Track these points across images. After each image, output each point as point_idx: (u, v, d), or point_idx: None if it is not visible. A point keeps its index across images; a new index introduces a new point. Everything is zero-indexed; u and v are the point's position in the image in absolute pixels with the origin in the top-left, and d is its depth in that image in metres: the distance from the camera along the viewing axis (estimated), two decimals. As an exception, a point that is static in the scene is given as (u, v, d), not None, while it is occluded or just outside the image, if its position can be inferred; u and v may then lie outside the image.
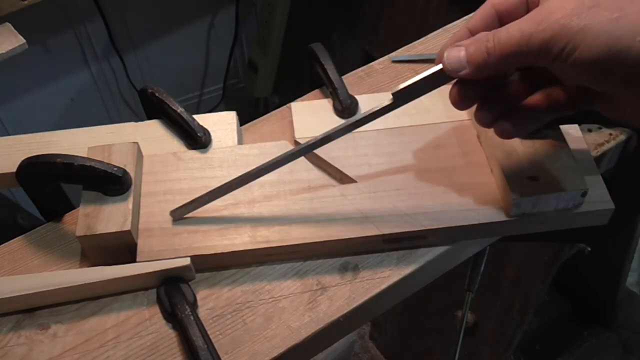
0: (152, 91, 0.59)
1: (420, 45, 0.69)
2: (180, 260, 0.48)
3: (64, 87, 1.42)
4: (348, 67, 0.67)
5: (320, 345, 0.49)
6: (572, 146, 0.51)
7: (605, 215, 0.51)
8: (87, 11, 1.32)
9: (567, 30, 0.37)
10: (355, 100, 0.60)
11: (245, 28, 1.60)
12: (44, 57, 1.34)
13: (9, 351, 0.47)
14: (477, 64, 0.41)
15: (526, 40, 0.39)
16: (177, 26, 1.50)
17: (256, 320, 0.48)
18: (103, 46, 1.41)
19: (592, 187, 0.50)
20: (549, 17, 0.38)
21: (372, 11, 1.37)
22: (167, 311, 0.47)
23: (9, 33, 0.89)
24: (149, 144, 0.57)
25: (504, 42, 0.40)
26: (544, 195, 0.48)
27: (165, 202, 0.52)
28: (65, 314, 0.49)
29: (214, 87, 1.67)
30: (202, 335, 0.45)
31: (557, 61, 0.38)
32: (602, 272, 1.35)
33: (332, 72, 0.60)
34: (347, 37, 1.49)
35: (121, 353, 0.46)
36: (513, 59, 0.40)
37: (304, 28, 1.55)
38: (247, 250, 0.50)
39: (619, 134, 0.60)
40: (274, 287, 0.50)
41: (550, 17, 0.38)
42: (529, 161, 0.50)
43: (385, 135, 0.56)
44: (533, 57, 0.39)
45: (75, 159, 0.51)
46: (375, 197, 0.52)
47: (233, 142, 0.57)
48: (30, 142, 0.58)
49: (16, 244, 0.54)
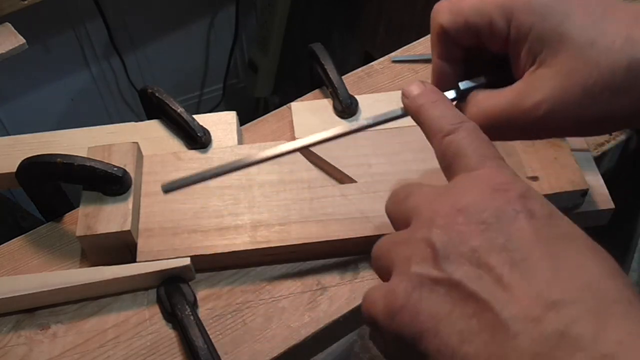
0: (152, 91, 0.59)
1: (420, 45, 0.69)
2: (180, 260, 0.48)
3: (64, 87, 1.42)
4: (348, 67, 0.67)
5: (320, 345, 0.49)
6: (572, 146, 0.51)
7: (605, 215, 0.51)
8: (87, 11, 1.32)
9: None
10: (355, 100, 0.60)
11: (245, 28, 1.60)
12: (44, 57, 1.34)
13: (9, 351, 0.47)
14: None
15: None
16: (177, 26, 1.50)
17: (256, 320, 0.48)
18: (103, 46, 1.41)
19: (592, 187, 0.50)
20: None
21: (372, 11, 1.37)
22: (167, 311, 0.47)
23: (9, 33, 0.88)
24: (149, 144, 0.57)
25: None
26: (544, 195, 0.48)
27: (165, 202, 0.52)
28: (65, 314, 0.49)
29: (214, 87, 1.67)
30: (202, 335, 0.45)
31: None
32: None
33: (332, 72, 0.60)
34: (347, 37, 1.50)
35: (121, 353, 0.46)
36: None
37: (304, 28, 1.55)
38: (247, 250, 0.50)
39: (619, 134, 0.60)
40: (274, 287, 0.50)
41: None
42: (529, 161, 0.50)
43: (385, 135, 0.56)
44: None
45: (75, 159, 0.51)
46: (375, 197, 0.52)
47: (233, 142, 0.57)
48: (30, 142, 0.58)
49: (16, 244, 0.54)
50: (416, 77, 0.65)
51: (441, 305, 0.28)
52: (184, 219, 0.51)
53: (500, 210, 0.30)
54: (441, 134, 0.35)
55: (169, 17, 1.47)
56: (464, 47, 0.41)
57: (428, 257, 0.30)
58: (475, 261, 0.28)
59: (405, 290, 0.29)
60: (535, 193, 0.31)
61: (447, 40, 0.40)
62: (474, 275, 0.28)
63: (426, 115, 0.37)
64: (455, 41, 0.40)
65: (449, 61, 0.41)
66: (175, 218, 0.51)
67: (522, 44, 0.38)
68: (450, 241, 0.29)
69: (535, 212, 0.30)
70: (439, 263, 0.29)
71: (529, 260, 0.28)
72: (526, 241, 0.29)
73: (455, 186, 0.33)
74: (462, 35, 0.40)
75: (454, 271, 0.29)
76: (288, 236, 0.50)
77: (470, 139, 0.34)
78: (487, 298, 0.27)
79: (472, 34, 0.39)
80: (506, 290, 0.27)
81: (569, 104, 0.35)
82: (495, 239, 0.29)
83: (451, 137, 0.35)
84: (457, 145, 0.34)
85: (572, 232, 0.30)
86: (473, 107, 0.40)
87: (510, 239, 0.29)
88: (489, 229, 0.29)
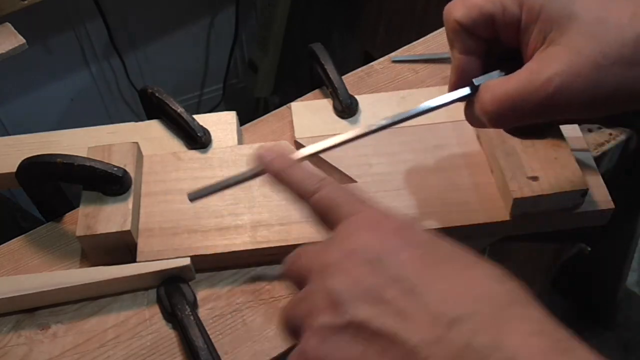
0: (152, 91, 0.59)
1: (420, 45, 0.69)
2: (180, 260, 0.48)
3: (64, 87, 1.42)
4: (348, 67, 0.67)
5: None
6: (572, 146, 0.51)
7: (605, 215, 0.51)
8: (87, 11, 1.31)
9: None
10: (355, 100, 0.60)
11: (245, 28, 1.60)
12: (44, 57, 1.34)
13: (9, 351, 0.47)
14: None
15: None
16: (177, 26, 1.49)
17: (256, 320, 0.48)
18: (103, 46, 1.41)
19: (592, 187, 0.50)
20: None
21: (372, 11, 1.37)
22: (167, 311, 0.47)
23: (9, 33, 0.88)
24: (149, 144, 0.57)
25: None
26: (544, 195, 0.48)
27: (166, 202, 0.52)
28: (65, 314, 0.49)
29: (214, 87, 1.67)
30: (202, 335, 0.45)
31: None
32: (602, 272, 1.35)
33: (332, 72, 0.60)
34: (347, 37, 1.50)
35: (121, 353, 0.46)
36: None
37: (304, 28, 1.55)
38: (247, 250, 0.50)
39: (619, 134, 0.60)
40: (274, 287, 0.50)
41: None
42: (529, 161, 0.50)
43: (385, 135, 0.56)
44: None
45: (75, 159, 0.51)
46: (375, 197, 0.51)
47: (233, 142, 0.57)
48: (30, 142, 0.58)
49: (16, 244, 0.54)
50: (416, 77, 0.65)
51: (353, 349, 0.29)
52: (184, 219, 0.51)
53: (385, 246, 0.31)
54: (308, 195, 0.37)
55: (169, 17, 1.47)
56: (481, 38, 0.42)
57: (328, 307, 0.30)
58: (373, 299, 0.29)
59: (315, 346, 0.30)
60: (412, 223, 0.33)
61: (464, 34, 0.41)
62: (374, 312, 0.29)
63: (288, 181, 0.38)
64: (473, 33, 0.41)
65: (470, 54, 0.42)
66: (175, 218, 0.51)
67: (533, 26, 0.39)
68: (345, 285, 0.30)
69: (414, 241, 0.32)
70: (339, 309, 0.30)
71: (420, 287, 0.29)
72: (413, 270, 0.30)
73: (340, 233, 0.34)
74: (478, 27, 0.41)
75: (356, 313, 0.29)
76: (288, 236, 0.50)
77: (336, 191, 0.36)
78: (392, 331, 0.28)
79: (487, 24, 0.40)
80: (407, 319, 0.28)
81: (579, 78, 0.36)
82: (385, 274, 0.30)
83: (319, 195, 0.36)
84: (328, 199, 0.36)
85: (453, 251, 0.31)
86: (486, 93, 0.40)
87: (399, 271, 0.30)
88: (378, 266, 0.30)
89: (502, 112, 0.39)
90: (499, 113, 0.39)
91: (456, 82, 0.42)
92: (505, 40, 0.41)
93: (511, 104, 0.39)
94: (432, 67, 0.66)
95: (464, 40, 0.42)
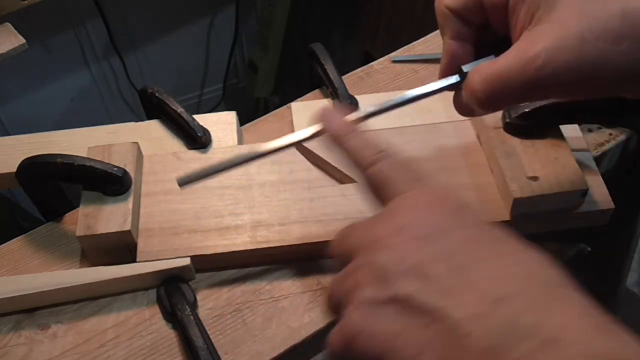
0: (152, 91, 0.59)
1: (420, 45, 0.69)
2: (180, 260, 0.48)
3: (64, 87, 1.42)
4: (348, 67, 0.67)
5: (320, 345, 0.49)
6: (572, 146, 0.51)
7: (605, 215, 0.51)
8: (87, 11, 1.32)
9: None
10: (355, 100, 0.60)
11: (245, 28, 1.60)
12: (44, 57, 1.34)
13: (9, 351, 0.47)
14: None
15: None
16: (177, 26, 1.50)
17: (256, 320, 0.48)
18: (103, 46, 1.41)
19: (592, 187, 0.50)
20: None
21: (372, 11, 1.37)
22: (167, 311, 0.47)
23: (9, 33, 0.89)
24: (149, 144, 0.57)
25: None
26: (544, 195, 0.48)
27: (166, 202, 0.52)
28: (65, 314, 0.49)
29: (214, 87, 1.67)
30: (202, 335, 0.45)
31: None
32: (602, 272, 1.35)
33: (332, 72, 0.60)
34: (347, 37, 1.50)
35: (121, 353, 0.46)
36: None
37: (304, 28, 1.55)
38: (247, 250, 0.50)
39: (619, 134, 0.60)
40: (274, 287, 0.50)
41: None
42: (529, 161, 0.50)
43: (385, 135, 0.56)
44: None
45: (75, 159, 0.51)
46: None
47: (233, 142, 0.57)
48: (30, 142, 0.58)
49: (16, 244, 0.54)
50: (416, 77, 0.65)
51: (395, 322, 0.29)
52: (184, 219, 0.51)
53: (437, 224, 0.32)
54: (365, 166, 0.37)
55: (169, 17, 1.47)
56: (471, 24, 0.42)
57: (374, 280, 0.31)
58: (418, 274, 0.30)
59: (357, 319, 0.30)
60: (465, 206, 0.33)
61: (454, 19, 0.42)
62: (420, 287, 0.29)
63: (346, 147, 0.38)
64: (463, 17, 0.41)
65: (460, 40, 0.42)
66: (175, 218, 0.51)
67: (521, 5, 0.39)
68: (392, 260, 0.31)
69: (464, 223, 0.32)
70: (385, 283, 0.30)
71: (467, 265, 0.30)
72: (464, 249, 0.30)
73: (391, 209, 0.34)
74: (468, 11, 0.41)
75: (401, 288, 0.30)
76: (288, 236, 0.50)
77: (394, 166, 0.36)
78: (436, 306, 0.28)
79: (477, 8, 0.41)
80: (452, 295, 0.29)
81: (566, 51, 0.36)
82: (435, 250, 0.30)
83: (376, 168, 0.36)
84: (384, 174, 0.36)
85: (502, 235, 0.32)
86: (475, 76, 0.40)
87: (449, 249, 0.30)
88: (427, 242, 0.31)
89: (491, 93, 0.39)
90: (487, 94, 0.39)
91: (447, 68, 0.43)
92: (495, 25, 0.41)
93: (500, 83, 0.38)
94: (432, 67, 0.66)
95: (454, 25, 0.42)
